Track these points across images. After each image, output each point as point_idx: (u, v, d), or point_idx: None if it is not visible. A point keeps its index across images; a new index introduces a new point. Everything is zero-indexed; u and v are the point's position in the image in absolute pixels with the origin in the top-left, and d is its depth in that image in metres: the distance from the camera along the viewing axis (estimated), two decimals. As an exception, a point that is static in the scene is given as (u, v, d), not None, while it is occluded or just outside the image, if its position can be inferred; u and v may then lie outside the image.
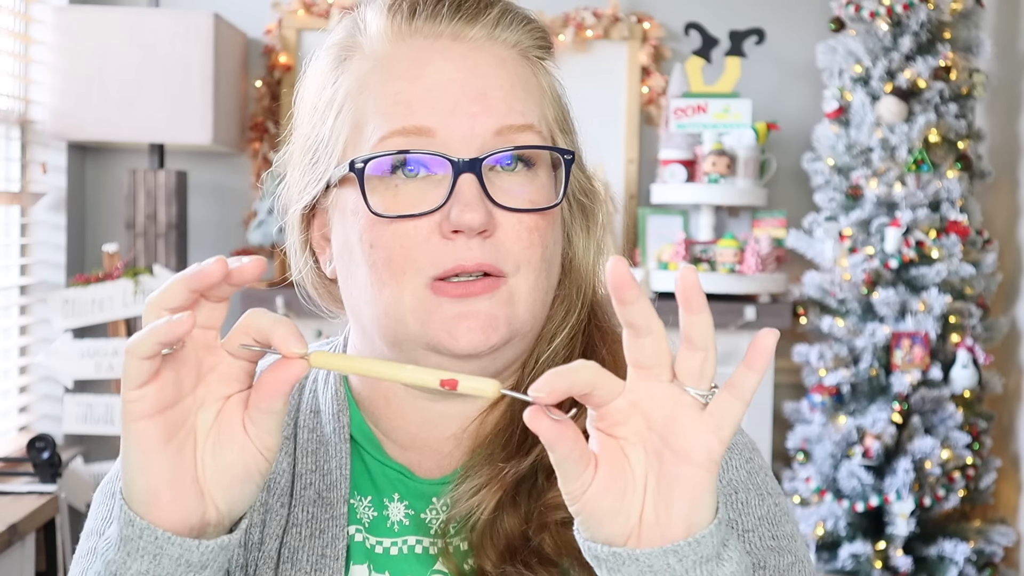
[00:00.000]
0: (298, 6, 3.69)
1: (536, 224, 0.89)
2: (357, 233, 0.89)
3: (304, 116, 0.96)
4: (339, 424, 0.96)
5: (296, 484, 0.95)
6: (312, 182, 0.94)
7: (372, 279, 0.89)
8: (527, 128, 0.89)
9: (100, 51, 3.17)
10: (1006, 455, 3.59)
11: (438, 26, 0.90)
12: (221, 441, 0.76)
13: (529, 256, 0.89)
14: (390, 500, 0.95)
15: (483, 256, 0.87)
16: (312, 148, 0.94)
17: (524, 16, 0.94)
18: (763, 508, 0.95)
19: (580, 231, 0.97)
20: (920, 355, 3.30)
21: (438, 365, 0.89)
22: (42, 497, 2.58)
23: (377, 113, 0.89)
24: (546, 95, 0.94)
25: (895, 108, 3.34)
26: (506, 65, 0.91)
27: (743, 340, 3.45)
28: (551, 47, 0.97)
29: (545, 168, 0.91)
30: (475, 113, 0.88)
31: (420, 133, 0.87)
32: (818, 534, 3.31)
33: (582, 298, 0.96)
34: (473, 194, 0.86)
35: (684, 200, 3.57)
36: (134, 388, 0.72)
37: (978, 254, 3.42)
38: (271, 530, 0.94)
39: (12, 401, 3.31)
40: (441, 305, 0.87)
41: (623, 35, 3.73)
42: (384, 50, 0.91)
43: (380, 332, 0.91)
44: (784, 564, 0.93)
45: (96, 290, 3.19)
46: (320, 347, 1.04)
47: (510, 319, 0.88)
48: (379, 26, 0.92)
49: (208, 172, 3.70)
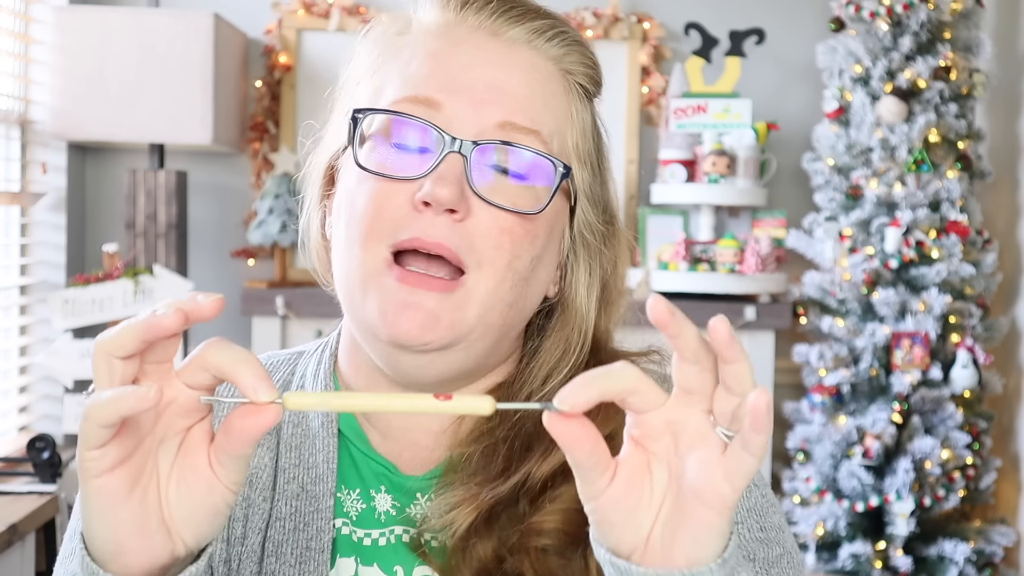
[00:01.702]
0: (298, 6, 3.69)
1: (511, 228, 0.88)
2: (346, 190, 0.91)
3: (347, 81, 0.98)
4: (327, 418, 0.96)
5: (279, 478, 0.95)
6: (336, 140, 0.96)
7: (345, 238, 0.89)
8: (532, 133, 0.89)
9: (100, 51, 3.17)
10: (1006, 455, 3.59)
11: (481, 18, 0.92)
12: (187, 479, 0.71)
13: (494, 257, 0.87)
14: (377, 491, 0.96)
15: (446, 237, 0.86)
16: (345, 111, 0.95)
17: (574, 38, 0.95)
18: (751, 500, 0.95)
19: (583, 271, 0.95)
20: (920, 355, 3.30)
21: (382, 350, 0.89)
22: (42, 497, 2.59)
23: (398, 79, 0.91)
24: (573, 119, 0.94)
25: (895, 108, 3.34)
26: (535, 72, 0.91)
27: (743, 340, 3.44)
28: (599, 84, 0.97)
29: (544, 184, 0.90)
30: (484, 100, 0.88)
31: (427, 104, 0.88)
32: (818, 534, 3.31)
33: (582, 339, 0.95)
34: (453, 172, 0.86)
35: (684, 200, 3.57)
36: (93, 448, 0.67)
37: (978, 254, 3.42)
38: (253, 524, 0.94)
39: (12, 401, 3.31)
40: (396, 290, 0.86)
41: (623, 35, 3.73)
42: (428, 30, 0.93)
43: (344, 301, 0.91)
44: (773, 555, 0.93)
45: (96, 290, 3.19)
46: (317, 347, 1.04)
47: (454, 324, 0.87)
48: (431, 12, 0.94)
49: (208, 172, 3.70)
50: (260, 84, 3.68)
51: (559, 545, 0.87)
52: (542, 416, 0.68)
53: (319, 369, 1.00)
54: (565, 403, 0.67)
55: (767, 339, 3.47)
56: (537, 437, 0.91)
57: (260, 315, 3.39)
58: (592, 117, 0.97)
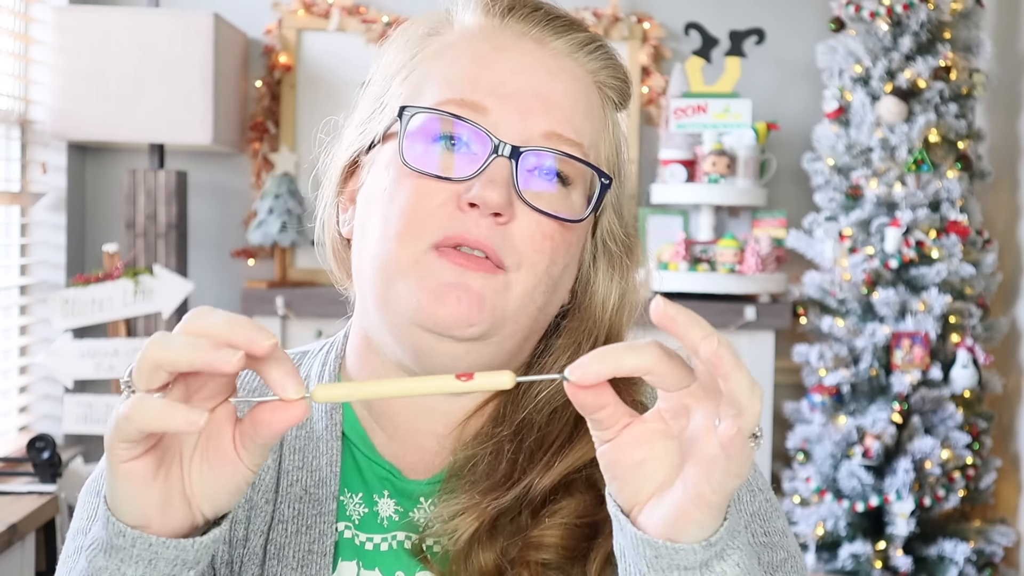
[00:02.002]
0: (298, 6, 3.69)
1: (552, 233, 0.89)
2: (383, 186, 0.90)
3: (377, 77, 0.97)
4: (331, 421, 0.96)
5: (282, 481, 0.95)
6: (363, 134, 0.96)
7: (380, 234, 0.89)
8: (576, 145, 0.90)
9: (100, 51, 3.17)
10: (1006, 455, 3.59)
11: (528, 27, 0.93)
12: (210, 459, 0.74)
13: (535, 260, 0.89)
14: (380, 496, 0.95)
15: (489, 237, 0.87)
16: (372, 107, 0.96)
17: (610, 53, 0.96)
18: (754, 504, 0.95)
19: (603, 275, 0.97)
20: (920, 355, 3.30)
21: (418, 342, 0.89)
22: (42, 497, 2.58)
23: (441, 80, 0.91)
24: (607, 131, 0.95)
25: (895, 108, 3.34)
26: (577, 83, 0.93)
27: (743, 340, 3.45)
28: (628, 97, 0.98)
29: (581, 192, 0.92)
30: (532, 109, 0.89)
31: (474, 108, 0.89)
32: (818, 534, 3.31)
33: (592, 342, 0.96)
34: (501, 176, 0.87)
35: (684, 200, 3.57)
36: (125, 441, 0.70)
37: (978, 254, 3.42)
38: (256, 526, 0.94)
39: (12, 401, 3.31)
40: (441, 269, 0.87)
41: (623, 35, 3.73)
42: (471, 33, 0.93)
43: (374, 293, 0.91)
44: (777, 559, 0.94)
45: (96, 290, 3.19)
46: (321, 347, 1.04)
47: (496, 308, 0.88)
48: (474, 15, 0.95)
49: (208, 172, 3.70)
50: (260, 84, 3.68)
51: (559, 560, 0.87)
52: (563, 386, 0.71)
53: (324, 371, 1.00)
54: (575, 375, 0.69)
55: (767, 339, 3.47)
56: (539, 443, 0.91)
57: (260, 315, 3.39)
58: (617, 127, 0.98)
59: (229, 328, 0.69)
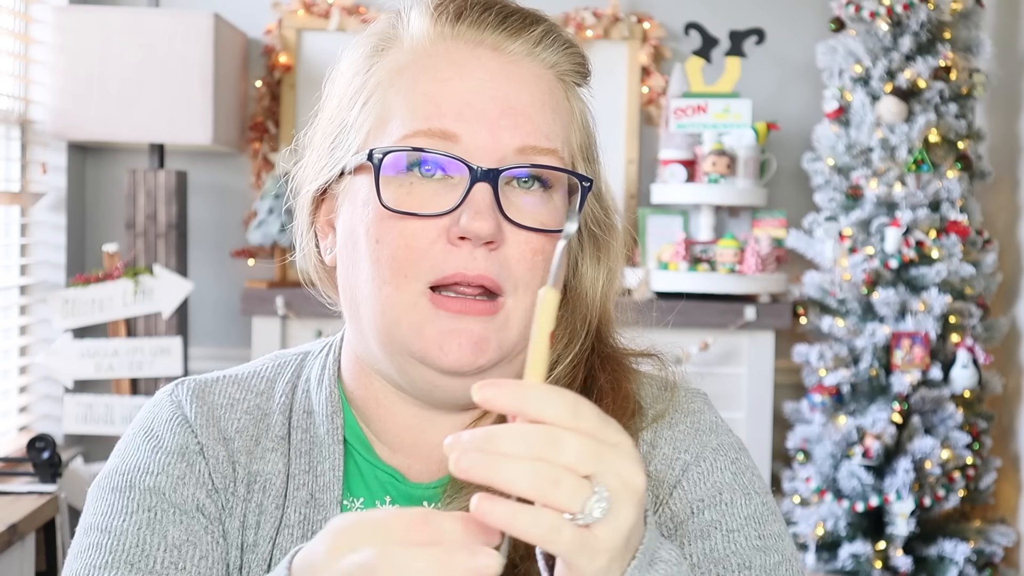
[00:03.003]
0: (298, 6, 3.69)
1: (542, 247, 0.89)
2: (364, 226, 0.89)
3: (332, 99, 0.96)
4: (332, 426, 0.96)
5: (290, 485, 0.95)
6: (328, 165, 0.94)
7: (374, 275, 0.89)
8: (550, 152, 0.90)
9: (100, 51, 3.17)
10: (1006, 455, 3.59)
11: (480, 34, 0.91)
12: None
13: (529, 279, 0.89)
14: (381, 502, 0.95)
15: (486, 268, 0.87)
16: (334, 132, 0.94)
17: (566, 39, 0.94)
18: (750, 507, 0.94)
19: (589, 261, 0.97)
20: (920, 355, 3.29)
21: (421, 377, 0.90)
22: (42, 497, 2.58)
23: (405, 109, 0.89)
24: (575, 120, 0.95)
25: (895, 108, 3.34)
26: (540, 84, 0.91)
27: (743, 340, 3.45)
28: (588, 74, 0.97)
29: (561, 193, 0.92)
30: (502, 127, 0.88)
31: (444, 137, 0.87)
32: (818, 534, 3.31)
33: (587, 327, 0.96)
34: (486, 203, 0.86)
35: (684, 200, 3.57)
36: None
37: (978, 254, 3.42)
38: (264, 532, 0.94)
39: (12, 401, 3.31)
40: (438, 317, 0.87)
41: (623, 35, 3.73)
42: (423, 48, 0.91)
43: (375, 330, 0.91)
44: (771, 563, 0.93)
45: (96, 290, 3.19)
46: (322, 348, 1.04)
47: (501, 344, 0.89)
48: (422, 24, 0.92)
49: (208, 172, 3.70)
50: (260, 84, 3.68)
51: None
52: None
53: (323, 374, 0.99)
54: (483, 391, 0.66)
55: (767, 339, 3.47)
56: None
57: (260, 315, 3.39)
58: (583, 107, 0.97)
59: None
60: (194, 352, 3.56)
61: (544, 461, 0.64)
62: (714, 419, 0.99)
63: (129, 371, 3.19)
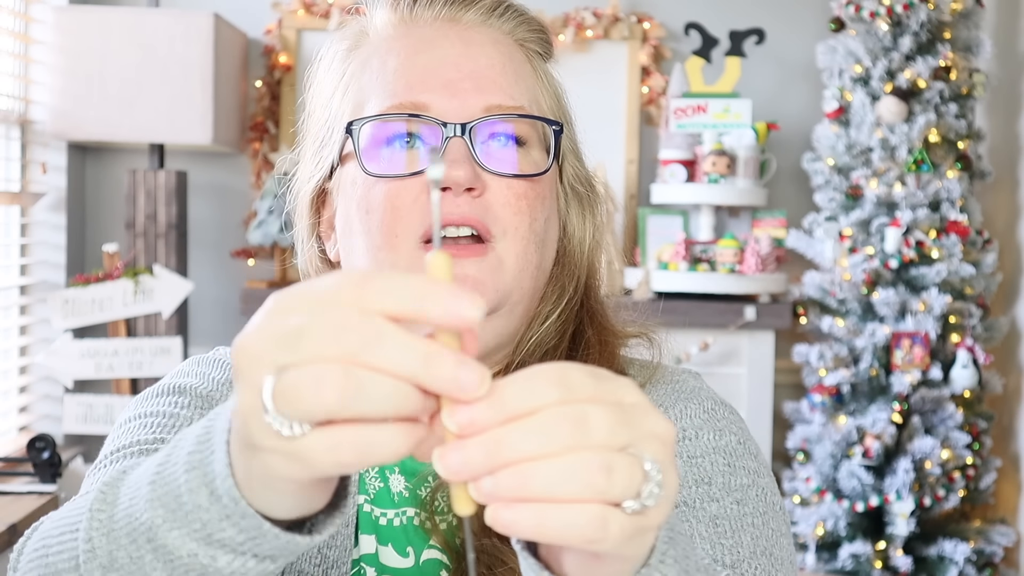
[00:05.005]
0: (298, 6, 3.69)
1: (525, 192, 0.93)
2: (355, 202, 0.94)
3: (315, 104, 1.01)
4: None
5: None
6: (319, 164, 0.99)
7: (368, 245, 0.93)
8: (516, 110, 0.94)
9: (100, 51, 3.17)
10: (1006, 455, 3.59)
11: (435, 10, 0.97)
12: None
13: (517, 223, 0.92)
14: (391, 472, 0.97)
15: (471, 211, 0.90)
16: (321, 134, 0.99)
17: (519, 11, 1.00)
18: (720, 442, 0.94)
19: (576, 219, 1.01)
20: (920, 355, 3.30)
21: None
22: (42, 497, 2.58)
23: (377, 88, 0.95)
24: (540, 82, 1.00)
25: (895, 108, 3.34)
26: (499, 47, 0.97)
27: (743, 340, 3.45)
28: (550, 46, 1.02)
29: (538, 147, 0.96)
30: (467, 90, 0.93)
31: (415, 108, 0.93)
32: (818, 534, 3.31)
33: (575, 283, 1.00)
34: (461, 153, 0.90)
35: (684, 200, 3.57)
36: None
37: (978, 254, 3.42)
38: None
39: (12, 401, 3.31)
40: None
41: (623, 35, 3.73)
42: (387, 35, 0.98)
43: None
44: (737, 483, 0.90)
45: (96, 290, 3.19)
46: None
47: (497, 286, 0.91)
48: (383, 15, 0.99)
49: (208, 172, 3.70)
50: (260, 84, 3.68)
51: None
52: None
53: None
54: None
55: (767, 339, 3.47)
56: None
57: (260, 315, 3.39)
58: (553, 77, 1.02)
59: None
60: (194, 352, 3.56)
61: (578, 449, 0.52)
62: (699, 386, 1.00)
63: (129, 371, 3.19)
